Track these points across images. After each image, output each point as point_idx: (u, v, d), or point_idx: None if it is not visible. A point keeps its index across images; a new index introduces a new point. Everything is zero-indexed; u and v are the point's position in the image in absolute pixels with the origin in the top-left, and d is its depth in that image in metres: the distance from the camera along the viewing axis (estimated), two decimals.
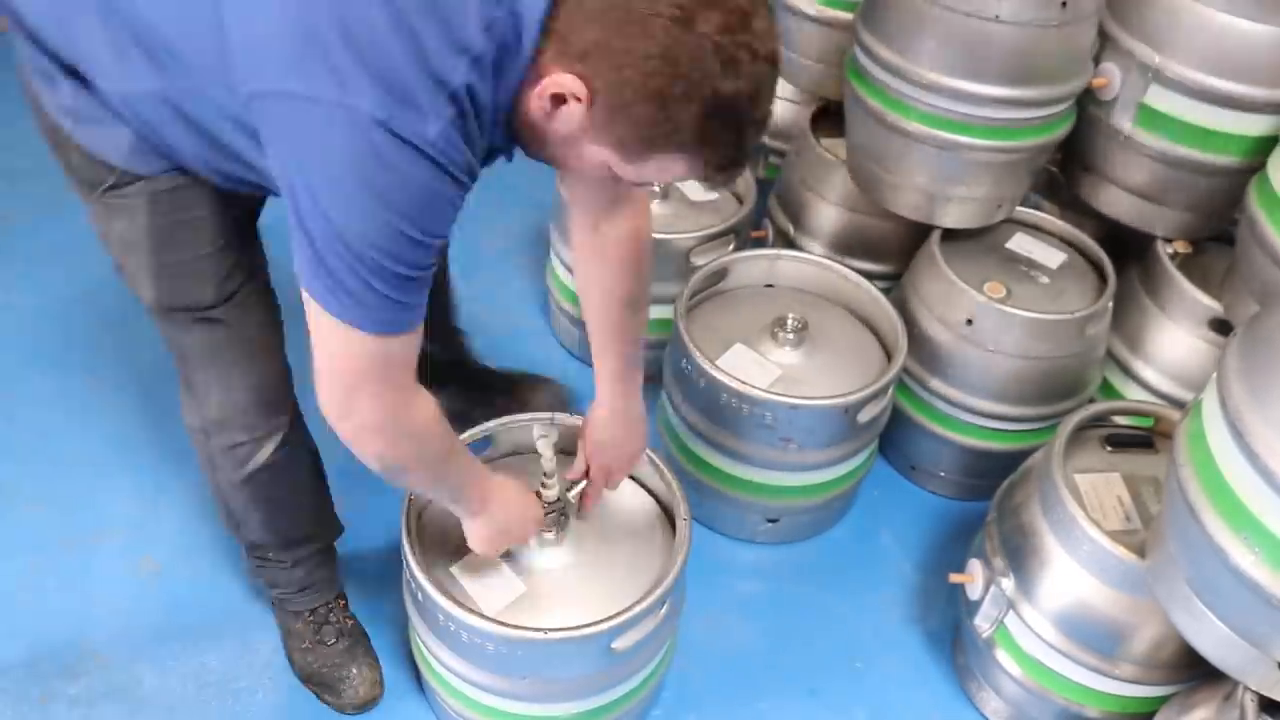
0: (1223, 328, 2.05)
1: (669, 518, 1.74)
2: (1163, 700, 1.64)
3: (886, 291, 2.17)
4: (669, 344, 2.10)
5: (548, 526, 1.64)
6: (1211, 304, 2.07)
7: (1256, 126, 1.95)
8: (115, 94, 1.27)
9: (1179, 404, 2.06)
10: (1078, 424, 1.77)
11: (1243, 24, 1.86)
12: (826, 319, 2.16)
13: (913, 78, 1.94)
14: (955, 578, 1.86)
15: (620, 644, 1.55)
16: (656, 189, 2.38)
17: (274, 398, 1.60)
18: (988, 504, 1.88)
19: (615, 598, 1.56)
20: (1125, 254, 2.22)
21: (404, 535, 1.60)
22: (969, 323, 2.04)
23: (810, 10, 2.44)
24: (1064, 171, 2.30)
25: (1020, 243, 2.23)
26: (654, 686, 1.79)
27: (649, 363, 2.36)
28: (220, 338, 1.50)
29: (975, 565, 1.82)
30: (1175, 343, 2.14)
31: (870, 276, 2.19)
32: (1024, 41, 1.87)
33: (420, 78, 1.06)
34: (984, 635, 1.80)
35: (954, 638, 2.01)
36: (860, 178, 2.23)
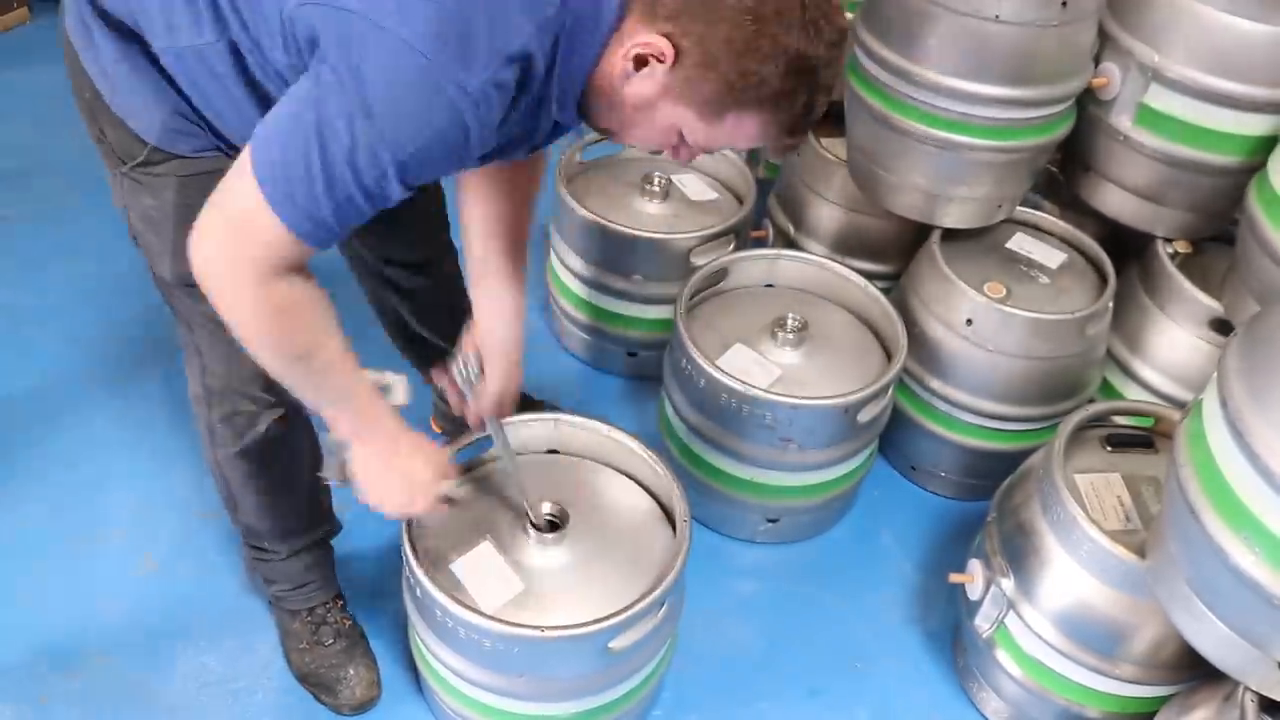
0: (1223, 328, 2.05)
1: (669, 518, 1.74)
2: (1163, 700, 1.64)
3: (886, 291, 2.17)
4: (669, 344, 2.10)
5: (454, 475, 1.56)
6: (1212, 304, 2.07)
7: (1256, 126, 1.95)
8: (170, 50, 1.28)
9: (1179, 404, 2.06)
10: (1078, 424, 1.77)
11: (1243, 24, 1.86)
12: (826, 319, 2.16)
13: (913, 78, 1.94)
14: (955, 578, 1.86)
15: (618, 644, 1.55)
16: (657, 188, 2.38)
17: None
18: (988, 504, 1.88)
19: (614, 597, 1.56)
20: (1125, 254, 2.22)
21: (404, 531, 1.59)
22: (969, 323, 2.04)
23: None
24: (1064, 171, 2.30)
25: (1020, 243, 2.23)
26: (654, 686, 1.79)
27: (650, 363, 2.38)
28: None
29: (975, 565, 1.82)
30: (1175, 343, 2.14)
31: (870, 276, 2.18)
32: (1024, 41, 1.87)
33: (481, 31, 1.10)
34: (984, 635, 1.80)
35: (954, 638, 2.01)
36: (860, 178, 2.23)
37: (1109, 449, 1.82)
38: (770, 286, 2.25)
